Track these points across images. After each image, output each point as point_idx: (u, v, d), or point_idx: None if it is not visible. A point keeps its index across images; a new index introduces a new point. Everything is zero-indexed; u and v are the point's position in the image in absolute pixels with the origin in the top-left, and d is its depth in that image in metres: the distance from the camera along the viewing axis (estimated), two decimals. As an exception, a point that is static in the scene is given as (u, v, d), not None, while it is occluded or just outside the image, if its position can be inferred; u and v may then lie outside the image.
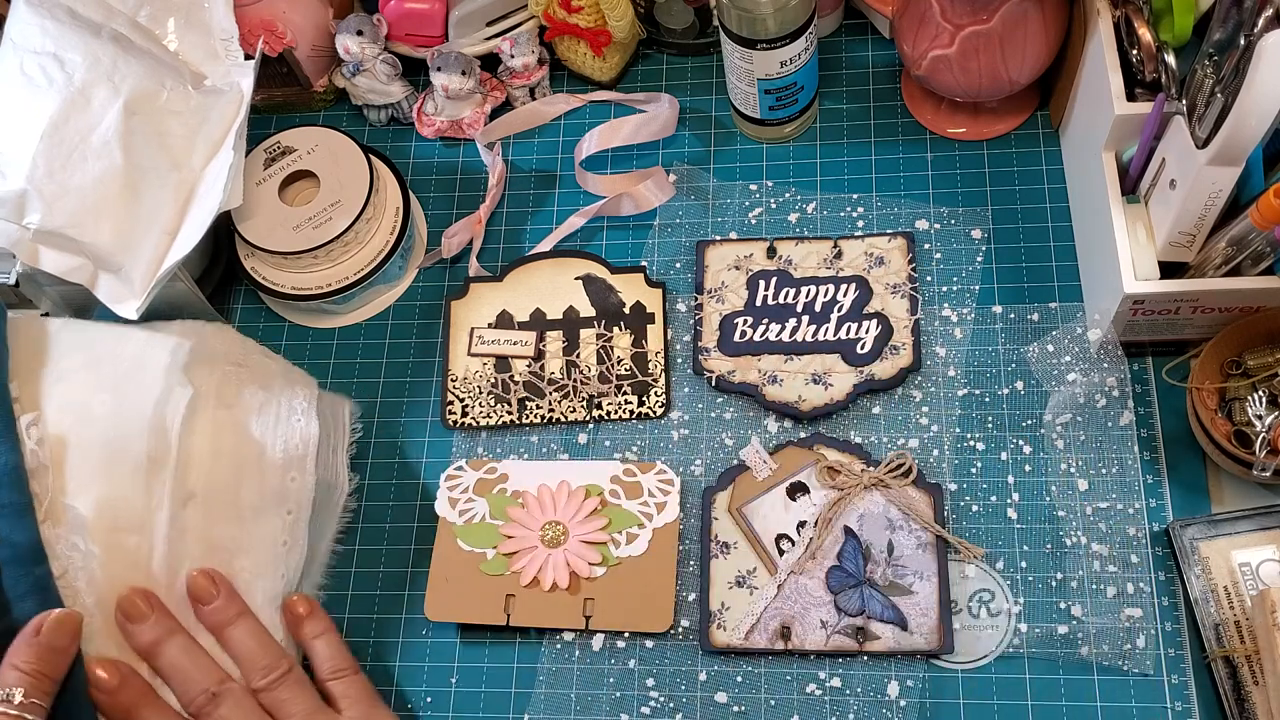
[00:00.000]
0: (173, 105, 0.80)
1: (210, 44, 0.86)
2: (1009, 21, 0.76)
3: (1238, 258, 0.67)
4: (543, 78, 0.94)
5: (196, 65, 0.86)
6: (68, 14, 0.80)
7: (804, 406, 0.79)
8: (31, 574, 0.64)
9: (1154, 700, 0.69)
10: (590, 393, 0.82)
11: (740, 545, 0.76)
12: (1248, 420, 0.70)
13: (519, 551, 0.77)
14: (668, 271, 0.86)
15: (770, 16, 0.78)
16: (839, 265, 0.83)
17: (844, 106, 0.90)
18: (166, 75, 0.81)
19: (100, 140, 0.76)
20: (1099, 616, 0.71)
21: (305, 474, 0.75)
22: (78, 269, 0.77)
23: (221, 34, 0.85)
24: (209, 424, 0.73)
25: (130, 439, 0.69)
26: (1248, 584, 0.70)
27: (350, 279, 0.85)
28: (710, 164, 0.90)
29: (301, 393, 0.78)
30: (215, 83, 0.85)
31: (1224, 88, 0.61)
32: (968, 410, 0.78)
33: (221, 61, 0.85)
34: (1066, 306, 0.80)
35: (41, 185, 0.75)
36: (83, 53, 0.78)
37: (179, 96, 0.81)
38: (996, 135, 0.86)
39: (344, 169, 0.85)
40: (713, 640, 0.73)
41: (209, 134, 0.81)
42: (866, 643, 0.72)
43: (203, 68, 0.86)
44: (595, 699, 0.74)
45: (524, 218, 0.91)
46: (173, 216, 0.79)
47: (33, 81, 0.77)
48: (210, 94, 0.83)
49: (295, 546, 0.74)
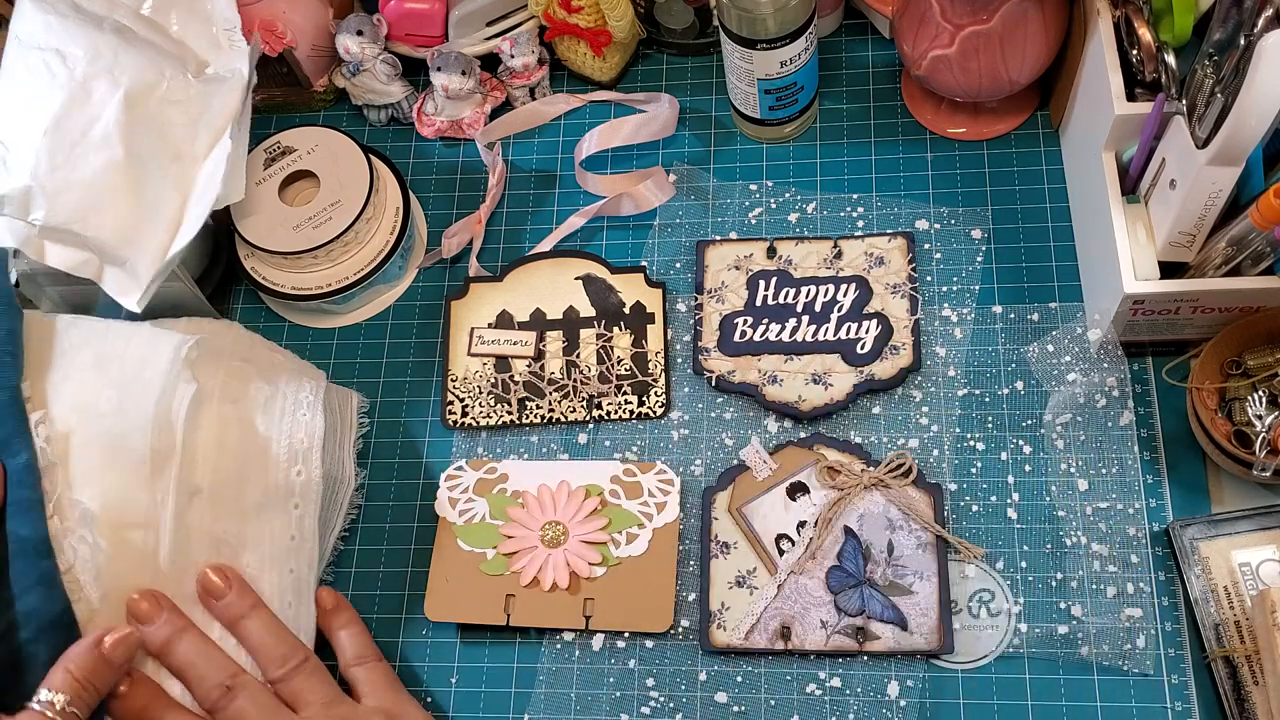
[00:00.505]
0: (173, 95, 0.80)
1: (213, 33, 0.85)
2: (1009, 21, 0.76)
3: (1238, 258, 0.67)
4: (543, 78, 0.94)
5: (200, 54, 0.85)
6: (71, 8, 0.80)
7: (804, 406, 0.79)
8: (38, 567, 0.64)
9: (1154, 700, 0.69)
10: (590, 393, 0.82)
11: (740, 545, 0.76)
12: (1248, 420, 0.70)
13: (519, 551, 0.77)
14: (668, 271, 0.86)
15: (770, 16, 0.78)
16: (839, 265, 0.83)
17: (844, 106, 0.90)
18: (166, 65, 0.80)
19: (101, 133, 0.76)
20: (1099, 616, 0.71)
21: (311, 468, 0.75)
22: (84, 263, 0.77)
23: (224, 24, 0.85)
24: (214, 419, 0.73)
25: (136, 435, 0.69)
26: (1248, 584, 0.70)
27: (350, 279, 0.85)
28: (710, 164, 0.90)
29: (308, 386, 0.78)
30: (218, 70, 0.84)
31: (1224, 88, 0.61)
32: (968, 410, 0.78)
33: (224, 51, 0.85)
34: (1066, 306, 0.80)
35: (45, 181, 0.75)
36: (84, 46, 0.78)
37: (179, 85, 0.80)
38: (996, 135, 0.86)
39: (344, 169, 0.85)
40: (713, 640, 0.73)
41: (210, 122, 0.81)
42: (866, 643, 0.72)
43: (206, 56, 0.85)
44: (595, 699, 0.74)
45: (524, 218, 0.91)
46: (176, 207, 0.79)
47: (37, 77, 0.77)
48: (211, 82, 0.82)
49: (304, 541, 0.74)
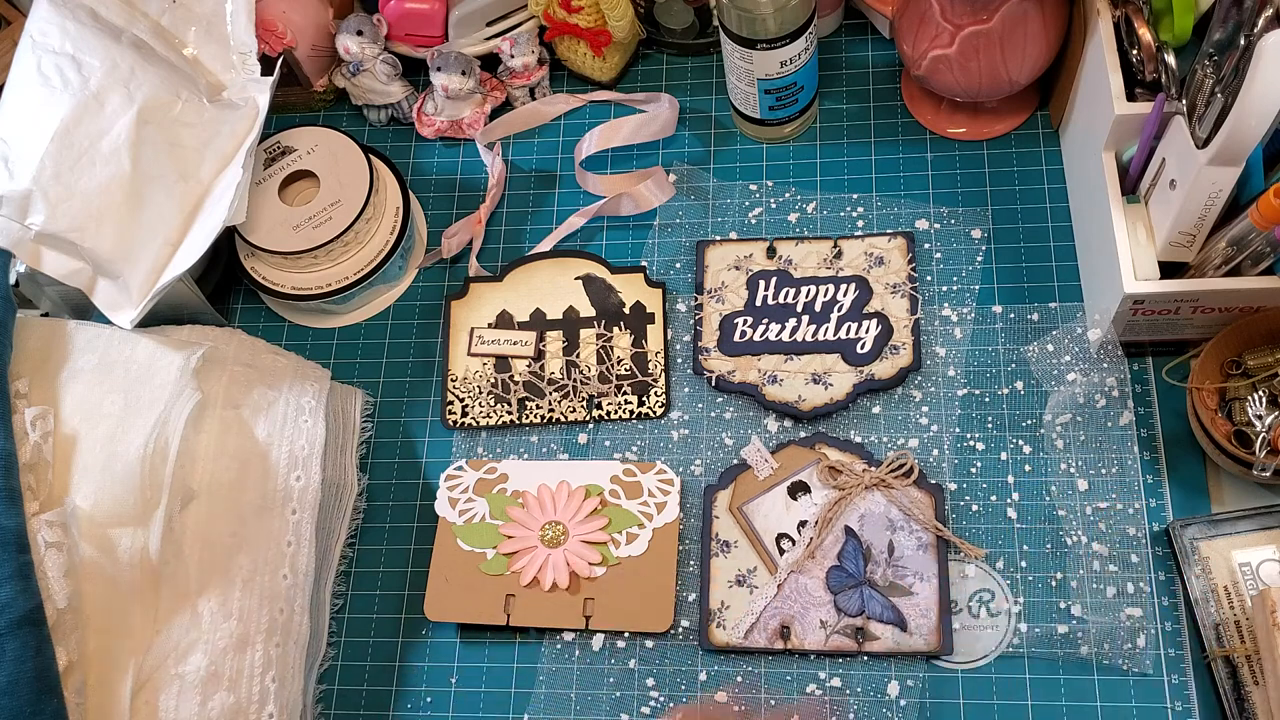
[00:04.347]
0: (186, 117, 0.80)
1: (229, 56, 0.86)
2: (1009, 21, 0.76)
3: (1238, 258, 0.67)
4: (543, 78, 0.94)
5: (215, 76, 0.85)
6: (90, 15, 0.80)
7: (804, 406, 0.79)
8: (15, 560, 0.65)
9: (1154, 700, 0.69)
10: (590, 393, 0.82)
11: (741, 544, 0.76)
12: (1248, 420, 0.70)
13: (519, 551, 0.77)
14: (668, 271, 0.86)
15: (770, 16, 0.78)
16: (839, 265, 0.83)
17: (844, 106, 0.90)
18: (182, 86, 0.81)
19: (110, 147, 0.76)
20: (1099, 616, 0.71)
21: (311, 474, 0.75)
22: (77, 273, 0.77)
23: (240, 47, 0.85)
24: (216, 423, 0.73)
25: (135, 440, 0.70)
26: (1248, 584, 0.70)
27: (350, 279, 0.85)
28: (710, 164, 0.90)
29: (311, 389, 0.78)
30: (232, 96, 0.84)
31: (1224, 88, 0.61)
32: (968, 410, 0.78)
33: (239, 75, 0.85)
34: (1066, 306, 0.80)
35: (47, 187, 0.75)
36: (101, 57, 0.78)
37: (193, 108, 0.81)
38: (996, 135, 0.86)
39: (344, 169, 0.85)
40: (712, 639, 0.73)
41: (220, 147, 0.81)
42: (865, 643, 0.72)
43: (222, 78, 0.86)
44: (595, 699, 0.74)
45: (524, 218, 0.91)
46: (176, 228, 0.79)
47: (49, 82, 0.77)
48: (225, 108, 0.83)
49: (301, 547, 0.74)
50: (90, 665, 0.67)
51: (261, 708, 0.70)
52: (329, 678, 0.78)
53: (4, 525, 0.65)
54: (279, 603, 0.73)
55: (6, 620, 0.63)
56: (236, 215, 0.79)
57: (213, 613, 0.70)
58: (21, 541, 0.65)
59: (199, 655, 0.69)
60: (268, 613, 0.72)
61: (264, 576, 0.72)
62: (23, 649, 0.63)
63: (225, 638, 0.70)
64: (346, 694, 0.77)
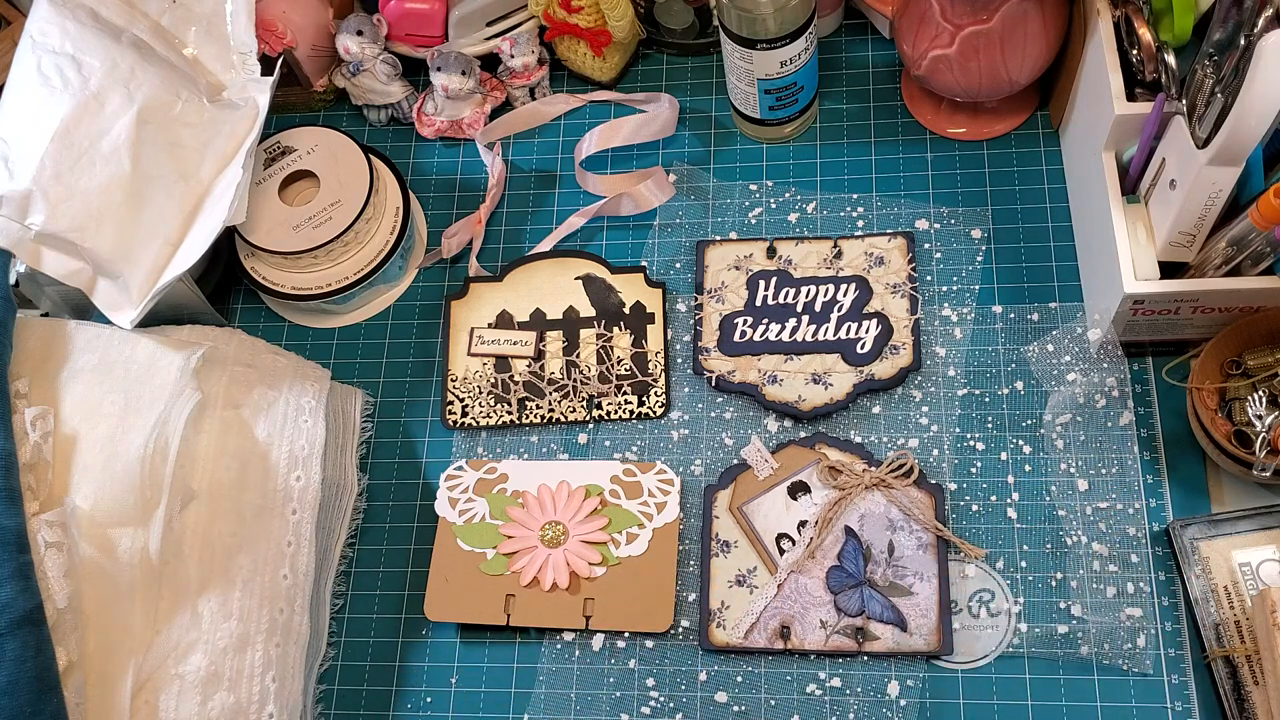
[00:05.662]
0: (186, 117, 0.80)
1: (229, 56, 0.86)
2: (1009, 21, 0.76)
3: (1238, 258, 0.67)
4: (543, 78, 0.94)
5: (215, 76, 0.85)
6: (90, 15, 0.80)
7: (804, 406, 0.79)
8: (15, 560, 0.65)
9: (1154, 700, 0.69)
10: (590, 393, 0.82)
11: (741, 544, 0.76)
12: (1248, 420, 0.70)
13: (519, 551, 0.77)
14: (668, 271, 0.86)
15: (770, 16, 0.78)
16: (839, 265, 0.83)
17: (844, 106, 0.90)
18: (183, 86, 0.81)
19: (110, 147, 0.76)
20: (1099, 616, 0.71)
21: (311, 474, 0.76)
22: (77, 273, 0.77)
23: (240, 47, 0.85)
24: (216, 424, 0.73)
25: (135, 440, 0.70)
26: (1248, 584, 0.70)
27: (350, 279, 0.85)
28: (710, 164, 0.90)
29: (311, 390, 0.78)
30: (232, 96, 0.84)
31: (1224, 88, 0.61)
32: (968, 410, 0.78)
33: (239, 75, 0.85)
34: (1066, 306, 0.80)
35: (47, 187, 0.75)
36: (101, 57, 0.78)
37: (193, 109, 0.80)
38: (996, 135, 0.86)
39: (344, 169, 0.85)
40: (712, 639, 0.73)
41: (220, 147, 0.81)
42: (865, 643, 0.72)
43: (222, 78, 0.86)
44: (595, 699, 0.74)
45: (524, 218, 0.91)
46: (176, 228, 0.79)
47: (49, 82, 0.77)
48: (225, 108, 0.82)
49: (301, 547, 0.74)
50: (90, 665, 0.67)
51: (261, 708, 0.70)
52: (329, 678, 0.78)
53: (4, 525, 0.65)
54: (279, 603, 0.73)
55: (6, 620, 0.63)
56: (236, 215, 0.79)
57: (213, 613, 0.70)
58: (21, 541, 0.65)
59: (199, 655, 0.69)
60: (268, 613, 0.72)
61: (264, 576, 0.72)
62: (23, 649, 0.63)
63: (225, 638, 0.70)
64: (346, 694, 0.77)
